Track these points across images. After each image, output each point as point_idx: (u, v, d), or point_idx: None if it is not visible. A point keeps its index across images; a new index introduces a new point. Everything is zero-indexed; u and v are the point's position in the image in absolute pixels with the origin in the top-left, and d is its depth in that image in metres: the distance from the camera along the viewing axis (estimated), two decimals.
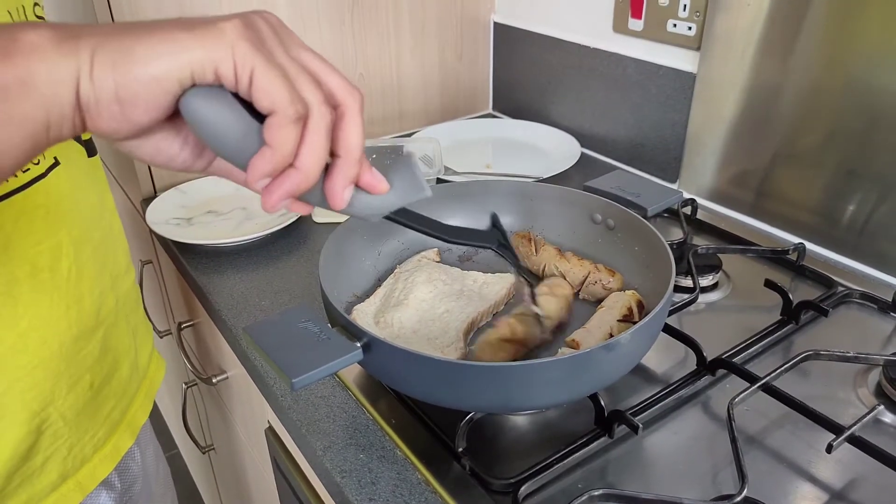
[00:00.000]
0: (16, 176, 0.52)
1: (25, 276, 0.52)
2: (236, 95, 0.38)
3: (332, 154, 0.41)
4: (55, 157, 0.56)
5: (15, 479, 0.55)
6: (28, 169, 0.53)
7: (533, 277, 0.63)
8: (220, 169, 0.44)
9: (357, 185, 0.43)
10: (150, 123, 0.38)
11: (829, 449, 0.54)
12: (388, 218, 0.47)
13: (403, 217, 0.49)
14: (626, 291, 0.67)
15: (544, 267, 0.74)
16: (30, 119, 0.34)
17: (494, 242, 0.59)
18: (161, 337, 1.23)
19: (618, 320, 0.63)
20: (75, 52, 0.35)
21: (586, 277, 0.71)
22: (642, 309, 0.66)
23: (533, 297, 0.65)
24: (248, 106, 0.39)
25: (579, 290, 0.73)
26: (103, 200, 0.64)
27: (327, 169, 0.41)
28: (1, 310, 0.51)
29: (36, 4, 0.55)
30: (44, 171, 0.54)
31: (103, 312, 0.61)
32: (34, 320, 0.53)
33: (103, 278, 0.61)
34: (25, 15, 0.53)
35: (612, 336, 0.62)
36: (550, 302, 0.66)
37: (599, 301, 0.69)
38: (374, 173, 0.44)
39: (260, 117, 0.39)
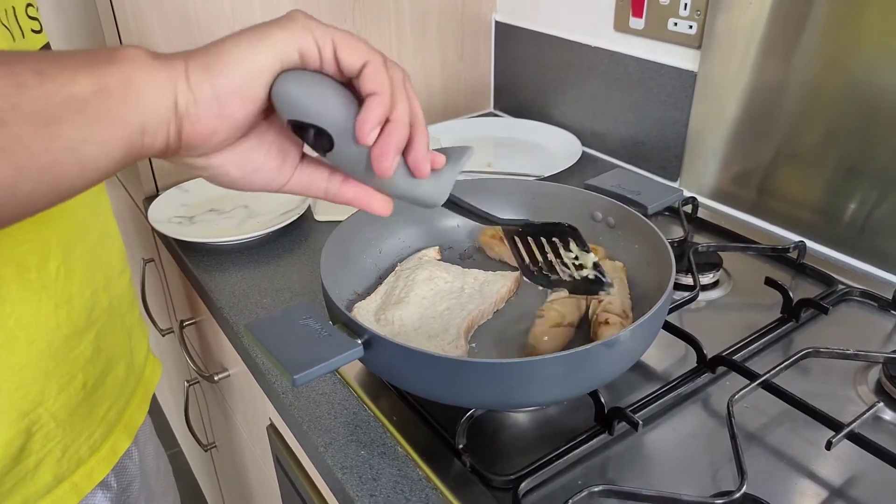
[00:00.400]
0: None
1: (12, 276, 0.52)
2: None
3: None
4: None
5: (7, 481, 0.54)
6: None
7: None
8: (300, 182, 0.46)
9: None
10: (246, 119, 0.40)
11: (829, 446, 0.54)
12: (448, 206, 0.50)
13: (457, 207, 0.52)
14: (616, 263, 0.70)
15: None
16: (128, 121, 0.37)
17: (524, 222, 0.62)
18: (163, 335, 1.23)
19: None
20: (170, 63, 0.38)
21: None
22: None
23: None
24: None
25: None
26: (98, 201, 0.64)
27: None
28: None
29: (29, 5, 0.54)
30: None
31: (95, 313, 0.60)
32: (21, 319, 0.53)
33: (95, 279, 0.61)
34: (16, 15, 0.52)
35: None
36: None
37: None
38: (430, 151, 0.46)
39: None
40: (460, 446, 0.56)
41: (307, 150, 0.47)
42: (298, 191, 0.47)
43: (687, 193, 0.96)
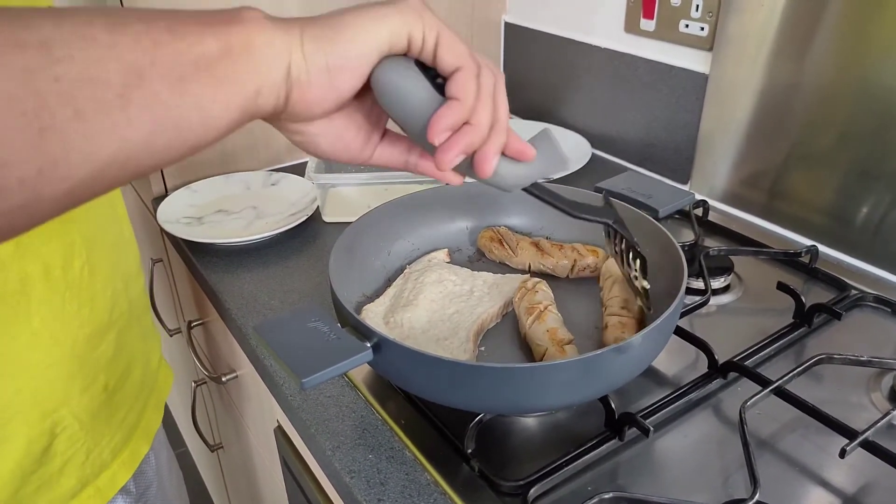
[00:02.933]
0: None
1: (38, 274, 0.52)
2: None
3: None
4: None
5: (32, 483, 0.54)
6: None
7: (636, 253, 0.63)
8: (381, 157, 0.49)
9: (505, 155, 0.46)
10: (350, 93, 0.42)
11: (843, 454, 0.53)
12: (525, 190, 0.50)
13: (536, 190, 0.52)
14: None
15: (529, 266, 0.76)
16: (246, 81, 0.38)
17: (612, 218, 0.61)
18: (171, 336, 1.23)
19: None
20: (287, 28, 0.39)
21: (574, 265, 0.75)
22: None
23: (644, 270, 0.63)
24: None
25: (570, 275, 0.76)
26: (114, 206, 0.64)
27: None
28: (14, 307, 0.51)
29: None
30: None
31: (115, 313, 0.61)
32: (46, 318, 0.53)
33: (116, 280, 0.61)
34: None
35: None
36: None
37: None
38: (523, 142, 0.47)
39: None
40: (469, 451, 0.56)
41: (389, 124, 0.49)
42: (380, 164, 0.49)
43: (698, 197, 0.96)
